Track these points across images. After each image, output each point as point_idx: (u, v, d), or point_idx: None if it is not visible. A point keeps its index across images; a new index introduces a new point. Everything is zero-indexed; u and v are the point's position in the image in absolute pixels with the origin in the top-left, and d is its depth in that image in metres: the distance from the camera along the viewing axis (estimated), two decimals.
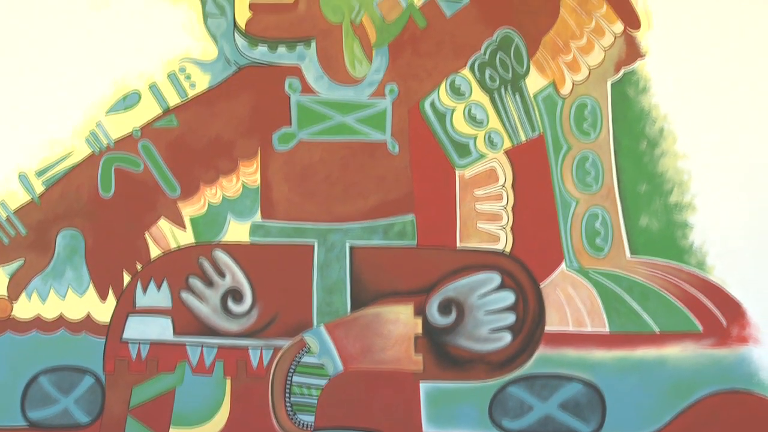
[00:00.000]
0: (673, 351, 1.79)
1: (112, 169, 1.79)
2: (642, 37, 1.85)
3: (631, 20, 1.85)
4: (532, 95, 1.85)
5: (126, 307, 1.79)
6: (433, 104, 1.84)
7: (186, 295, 1.79)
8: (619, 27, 1.86)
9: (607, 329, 1.81)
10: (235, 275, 1.80)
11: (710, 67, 1.84)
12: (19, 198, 1.78)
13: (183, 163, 1.81)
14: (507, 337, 1.80)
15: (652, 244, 1.83)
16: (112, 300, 1.79)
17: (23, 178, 1.78)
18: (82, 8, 1.78)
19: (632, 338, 1.80)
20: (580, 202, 1.84)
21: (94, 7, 1.79)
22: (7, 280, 1.78)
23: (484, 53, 1.84)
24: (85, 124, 1.79)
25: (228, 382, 1.78)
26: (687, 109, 1.83)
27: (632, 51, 1.85)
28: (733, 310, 1.80)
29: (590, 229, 1.83)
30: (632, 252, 1.83)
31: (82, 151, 1.79)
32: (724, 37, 1.85)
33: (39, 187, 1.78)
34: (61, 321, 1.78)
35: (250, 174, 1.82)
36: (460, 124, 1.84)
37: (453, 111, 1.84)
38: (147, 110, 1.80)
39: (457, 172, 1.84)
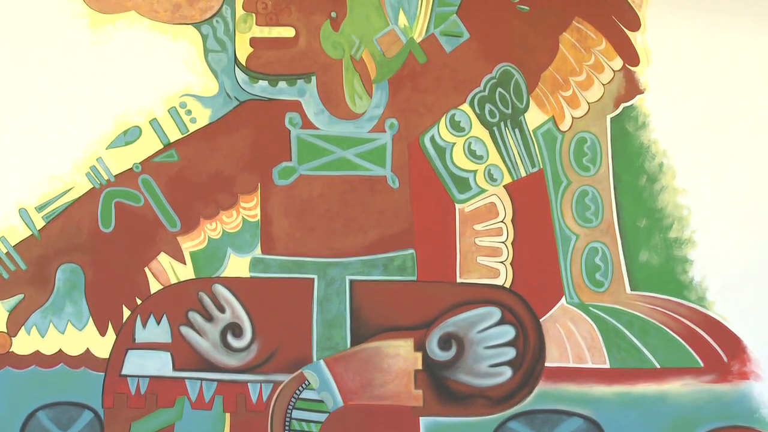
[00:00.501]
0: (673, 386, 1.79)
1: (113, 204, 1.79)
2: (641, 73, 1.86)
3: (630, 56, 1.86)
4: (531, 130, 1.85)
5: (125, 342, 1.78)
6: (433, 139, 1.84)
7: (185, 330, 1.79)
8: (618, 63, 1.86)
9: (607, 364, 1.80)
10: (235, 310, 1.80)
11: (709, 103, 1.85)
12: (19, 233, 1.78)
13: (183, 198, 1.81)
14: (507, 372, 1.80)
15: (652, 279, 1.83)
16: (111, 335, 1.78)
17: (23, 213, 1.78)
18: (83, 44, 1.79)
19: (633, 373, 1.80)
20: (580, 236, 1.84)
21: (95, 44, 1.79)
22: (7, 315, 1.77)
23: (484, 88, 1.85)
24: (86, 159, 1.79)
25: (227, 417, 1.78)
26: (686, 144, 1.84)
27: (631, 87, 1.86)
28: (734, 345, 1.80)
29: (590, 264, 1.83)
30: (632, 287, 1.83)
31: (82, 186, 1.79)
32: (723, 73, 1.85)
33: (39, 222, 1.78)
34: (60, 356, 1.77)
35: (250, 208, 1.82)
36: (460, 158, 1.84)
37: (453, 146, 1.85)
38: (147, 145, 1.81)
39: (457, 207, 1.84)
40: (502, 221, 1.84)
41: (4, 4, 1.78)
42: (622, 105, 1.86)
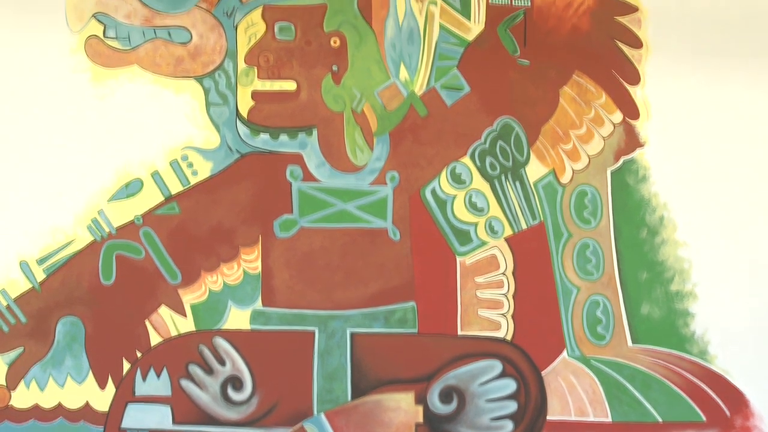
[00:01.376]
0: None
1: (114, 257, 1.79)
2: (641, 126, 1.87)
3: (630, 110, 1.88)
4: (532, 183, 1.86)
5: (125, 396, 1.77)
6: (434, 191, 1.85)
7: (186, 383, 1.78)
8: (618, 116, 1.87)
9: (609, 418, 1.80)
10: (236, 363, 1.79)
11: (709, 156, 1.86)
12: (20, 286, 1.78)
13: (184, 250, 1.81)
14: (509, 426, 1.79)
15: (653, 333, 1.82)
16: (111, 388, 1.77)
17: (24, 266, 1.78)
18: (86, 98, 1.80)
19: (635, 428, 1.79)
20: (581, 289, 1.83)
21: (98, 97, 1.80)
22: (6, 368, 1.77)
23: (485, 141, 1.86)
24: (88, 211, 1.79)
25: None
26: (687, 197, 1.84)
27: (631, 140, 1.87)
28: (737, 399, 1.79)
29: (591, 317, 1.83)
30: (634, 340, 1.83)
31: (84, 239, 1.79)
32: (722, 127, 1.87)
33: (40, 275, 1.78)
34: (59, 410, 1.76)
35: (251, 261, 1.82)
36: (461, 211, 1.85)
37: (454, 198, 1.85)
38: (149, 197, 1.81)
39: (458, 259, 1.84)
40: (503, 274, 1.84)
41: (8, 58, 1.79)
42: (623, 158, 1.86)
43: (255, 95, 1.84)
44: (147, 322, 1.79)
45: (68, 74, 1.80)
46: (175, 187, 1.82)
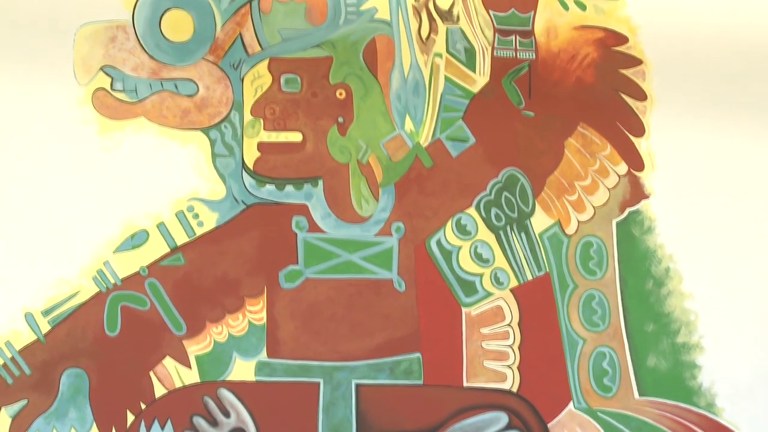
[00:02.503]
0: None
1: (119, 308, 1.79)
2: (646, 178, 1.88)
3: (635, 162, 1.88)
4: (537, 234, 1.86)
5: None
6: (439, 242, 1.85)
7: None
8: (623, 168, 1.88)
9: None
10: (240, 414, 1.78)
11: (715, 208, 1.86)
12: (24, 338, 1.77)
13: (189, 301, 1.81)
14: None
15: (660, 385, 1.82)
16: None
17: (29, 318, 1.77)
18: (92, 149, 1.81)
19: None
20: (587, 341, 1.83)
21: (104, 149, 1.81)
22: (10, 421, 1.76)
23: (490, 192, 1.86)
24: (93, 263, 1.79)
25: None
26: (693, 249, 1.84)
27: (637, 191, 1.87)
28: None
29: (598, 369, 1.82)
30: (640, 392, 1.82)
31: (89, 290, 1.79)
32: (728, 178, 1.87)
33: (45, 327, 1.78)
34: None
35: (256, 312, 1.82)
36: (466, 262, 1.85)
37: (459, 249, 1.85)
38: (155, 249, 1.81)
39: (463, 310, 1.83)
40: (508, 325, 1.83)
41: (15, 110, 1.80)
42: (628, 209, 1.87)
43: (261, 146, 1.85)
44: (151, 374, 1.79)
45: (75, 126, 1.81)
46: (181, 238, 1.82)
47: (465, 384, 1.81)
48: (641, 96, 1.90)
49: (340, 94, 1.86)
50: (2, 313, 1.77)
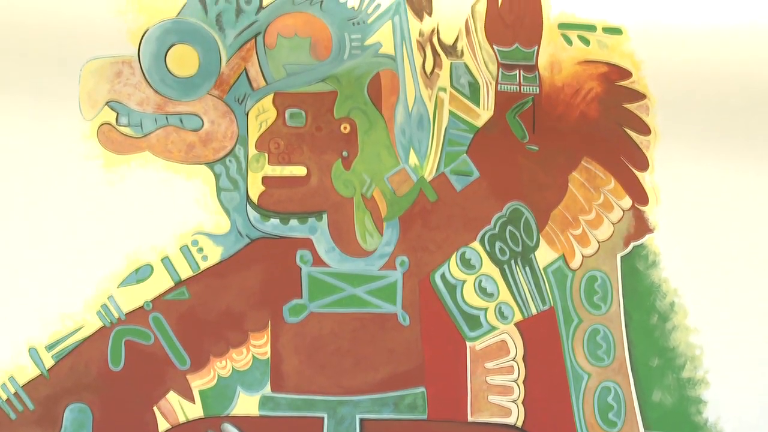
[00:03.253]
0: None
1: (122, 342, 1.79)
2: (650, 212, 1.88)
3: (639, 196, 1.88)
4: (542, 268, 1.86)
5: None
6: (443, 276, 1.85)
7: None
8: (627, 202, 1.88)
9: None
10: None
11: (719, 242, 1.86)
12: (28, 372, 1.77)
13: (193, 336, 1.80)
14: None
15: (665, 420, 1.81)
16: None
17: (33, 353, 1.77)
18: (97, 184, 1.81)
19: None
20: (592, 375, 1.82)
21: (109, 183, 1.81)
22: None
23: (494, 226, 1.86)
24: (97, 297, 1.79)
25: None
26: (697, 283, 1.84)
27: (641, 226, 1.88)
28: None
29: (603, 404, 1.82)
30: (646, 427, 1.81)
31: (93, 325, 1.79)
32: (733, 213, 1.87)
33: (49, 361, 1.77)
34: None
35: (260, 346, 1.81)
36: (470, 296, 1.84)
37: (464, 283, 1.85)
38: (159, 283, 1.81)
39: (467, 345, 1.83)
40: (513, 359, 1.83)
41: (20, 144, 1.80)
42: (632, 244, 1.87)
43: (265, 180, 1.85)
44: (155, 409, 1.78)
45: (80, 160, 1.81)
46: (185, 272, 1.82)
47: (469, 419, 1.80)
48: (645, 130, 1.91)
49: (345, 128, 1.87)
50: (6, 348, 1.76)
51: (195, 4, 1.86)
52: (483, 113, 1.89)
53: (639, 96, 1.91)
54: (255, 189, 1.84)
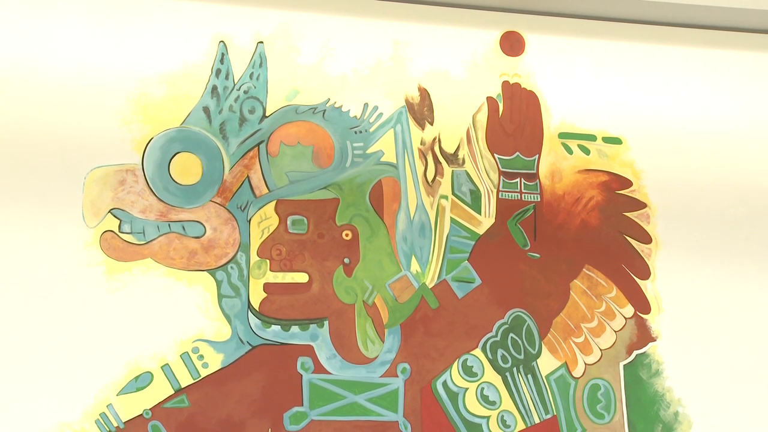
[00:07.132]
0: None
1: None
2: (653, 320, 1.87)
3: (641, 304, 1.88)
4: (544, 376, 1.85)
5: None
6: (445, 384, 1.84)
7: None
8: (629, 310, 1.88)
9: None
10: None
11: (723, 351, 1.85)
12: None
13: None
14: None
15: None
16: None
17: None
18: (99, 291, 1.80)
19: None
20: None
21: (111, 290, 1.81)
22: None
23: (496, 334, 1.86)
24: (96, 405, 1.77)
25: None
26: (702, 393, 1.83)
27: (643, 334, 1.87)
28: None
29: None
30: None
31: None
32: (736, 321, 1.87)
33: None
34: None
35: None
36: (472, 404, 1.83)
37: (466, 391, 1.83)
38: (159, 390, 1.79)
39: None
40: None
41: (23, 251, 1.81)
42: (635, 352, 1.86)
43: (267, 287, 1.85)
44: None
45: (82, 268, 1.81)
46: (186, 380, 1.80)
47: None
48: (646, 239, 1.91)
49: (347, 235, 1.87)
50: None
51: (199, 113, 1.89)
52: (484, 221, 1.90)
53: (640, 204, 1.92)
54: (256, 296, 1.84)
